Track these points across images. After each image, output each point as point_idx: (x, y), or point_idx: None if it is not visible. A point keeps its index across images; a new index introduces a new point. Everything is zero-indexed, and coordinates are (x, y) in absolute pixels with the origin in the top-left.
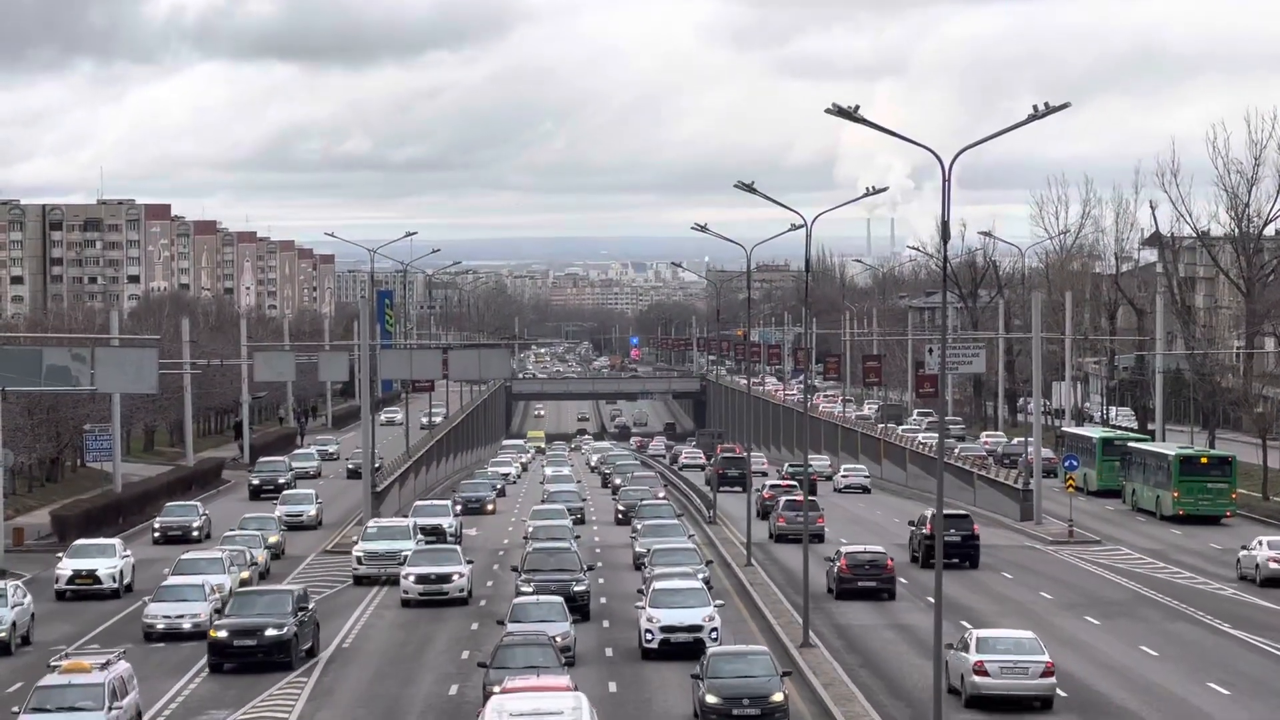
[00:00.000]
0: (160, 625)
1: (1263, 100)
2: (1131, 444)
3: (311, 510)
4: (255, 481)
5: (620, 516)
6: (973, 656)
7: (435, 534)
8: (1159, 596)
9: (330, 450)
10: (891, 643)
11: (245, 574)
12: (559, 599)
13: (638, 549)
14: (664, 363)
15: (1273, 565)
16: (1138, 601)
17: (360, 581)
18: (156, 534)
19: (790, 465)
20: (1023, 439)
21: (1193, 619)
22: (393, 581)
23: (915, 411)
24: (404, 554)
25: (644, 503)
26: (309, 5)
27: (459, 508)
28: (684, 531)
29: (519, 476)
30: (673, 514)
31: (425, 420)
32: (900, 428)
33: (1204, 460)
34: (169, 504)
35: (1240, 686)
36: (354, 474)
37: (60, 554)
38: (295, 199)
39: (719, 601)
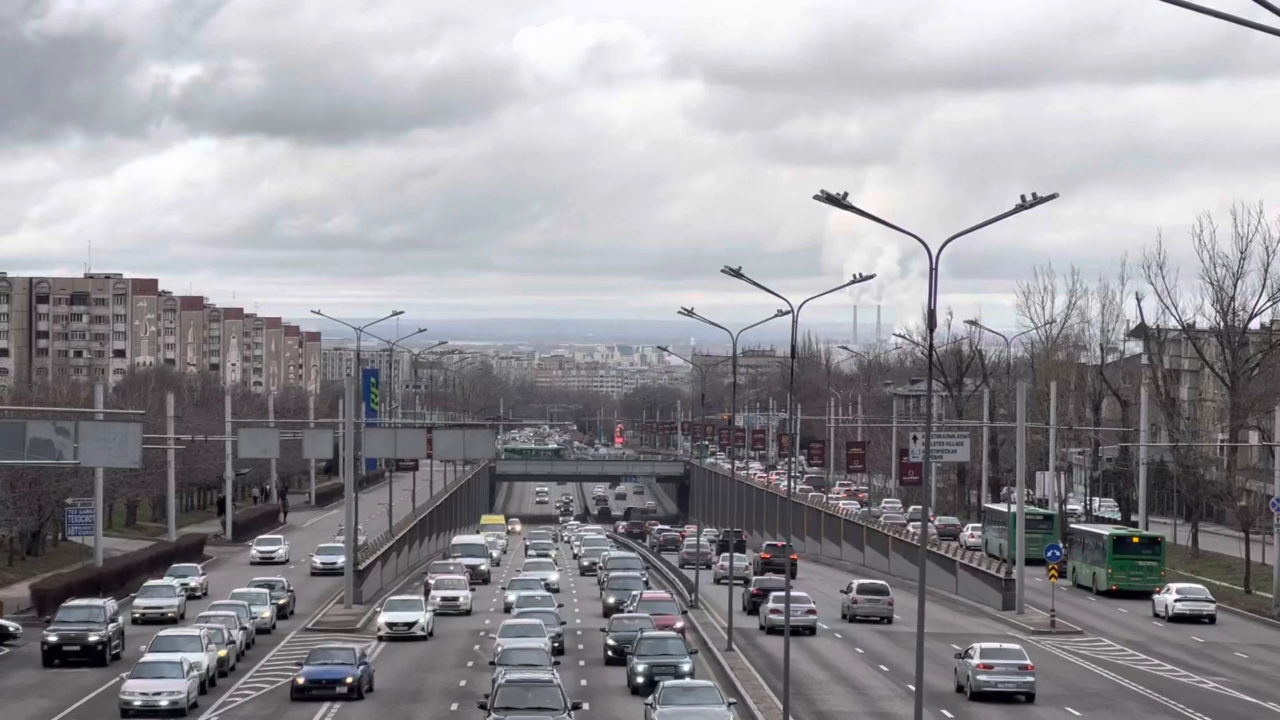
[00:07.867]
0: (137, 702)
1: (1249, 194)
2: (1077, 525)
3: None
4: (53, 639)
5: (611, 654)
6: None
7: None
8: (1140, 689)
9: (193, 584)
10: None
11: (223, 652)
12: None
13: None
14: (648, 446)
15: (1179, 606)
16: (1119, 693)
17: None
18: None
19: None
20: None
21: (1173, 711)
22: None
23: (838, 483)
24: None
25: (644, 635)
26: (297, 82)
27: None
28: (719, 699)
29: (467, 601)
30: (685, 650)
31: (318, 562)
32: (825, 497)
33: (1135, 540)
34: None
35: None
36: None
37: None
38: (282, 276)
39: None
